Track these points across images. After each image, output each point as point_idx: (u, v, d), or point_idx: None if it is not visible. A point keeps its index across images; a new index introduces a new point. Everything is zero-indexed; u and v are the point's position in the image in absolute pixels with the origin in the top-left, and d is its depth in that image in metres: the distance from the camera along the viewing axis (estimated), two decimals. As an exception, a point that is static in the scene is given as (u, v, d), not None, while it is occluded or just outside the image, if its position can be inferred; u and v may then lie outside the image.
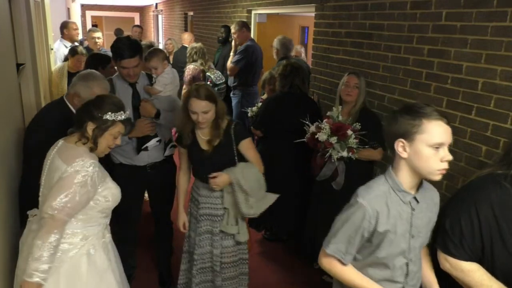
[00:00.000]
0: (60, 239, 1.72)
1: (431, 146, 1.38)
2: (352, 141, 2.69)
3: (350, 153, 2.71)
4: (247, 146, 2.37)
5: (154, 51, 2.83)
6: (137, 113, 2.59)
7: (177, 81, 2.81)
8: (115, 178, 2.67)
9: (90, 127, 1.79)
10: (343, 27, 3.45)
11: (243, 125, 2.25)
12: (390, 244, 1.49)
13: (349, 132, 2.69)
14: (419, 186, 1.52)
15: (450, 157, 1.40)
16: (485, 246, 1.52)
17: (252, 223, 3.64)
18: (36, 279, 1.64)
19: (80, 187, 1.70)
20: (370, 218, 1.45)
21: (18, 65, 2.85)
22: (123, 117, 1.83)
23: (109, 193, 1.86)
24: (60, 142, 1.85)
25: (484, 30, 2.25)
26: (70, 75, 4.00)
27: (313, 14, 3.92)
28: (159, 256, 3.08)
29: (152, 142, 2.60)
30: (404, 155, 1.44)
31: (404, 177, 1.48)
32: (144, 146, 2.59)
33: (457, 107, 2.45)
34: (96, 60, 3.66)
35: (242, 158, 2.39)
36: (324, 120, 2.80)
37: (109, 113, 1.78)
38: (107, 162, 2.75)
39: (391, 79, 2.94)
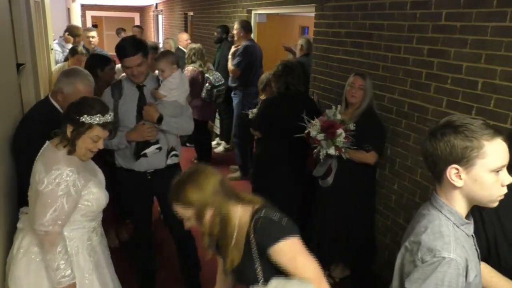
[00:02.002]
0: (65, 243, 1.77)
1: (493, 171, 1.17)
2: (340, 141, 2.68)
3: (337, 152, 2.71)
4: (284, 253, 1.42)
5: (163, 53, 2.70)
6: (141, 116, 2.50)
7: (185, 86, 2.66)
8: (118, 181, 2.67)
9: (69, 129, 1.78)
10: (343, 27, 3.45)
11: (269, 221, 1.47)
12: None
13: (339, 131, 2.68)
14: None
15: (511, 179, 1.21)
16: (490, 245, 1.52)
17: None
18: (67, 284, 1.74)
19: (65, 197, 1.74)
20: (463, 271, 1.19)
21: (18, 65, 2.85)
22: (101, 120, 1.79)
23: (92, 198, 1.87)
24: (46, 143, 1.86)
25: (484, 30, 2.25)
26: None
27: (313, 14, 3.92)
28: (182, 263, 2.98)
29: (151, 149, 2.49)
30: (459, 183, 1.20)
31: (461, 208, 1.25)
32: (143, 152, 2.49)
33: (457, 107, 2.45)
34: (95, 61, 3.64)
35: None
36: (320, 117, 2.83)
37: (85, 115, 1.76)
38: (110, 164, 2.76)
39: (391, 79, 2.94)
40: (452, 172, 1.20)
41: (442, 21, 2.50)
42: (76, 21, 11.04)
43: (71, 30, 5.40)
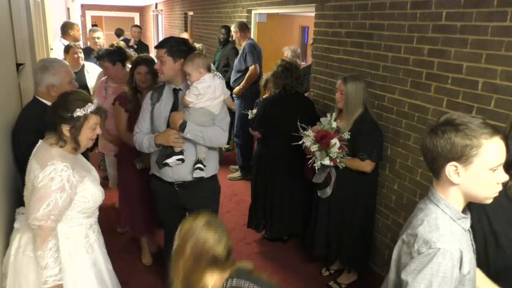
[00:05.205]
0: (57, 242, 1.76)
1: (491, 169, 1.20)
2: (334, 151, 2.66)
3: (332, 162, 2.69)
4: None
5: (191, 55, 2.38)
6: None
7: (215, 92, 2.36)
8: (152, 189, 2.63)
9: (65, 129, 1.79)
10: (343, 27, 3.45)
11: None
12: (470, 286, 1.28)
13: (333, 141, 2.67)
14: None
15: (507, 178, 1.23)
16: (479, 245, 1.51)
17: (252, 222, 3.64)
18: (53, 284, 1.72)
19: (59, 192, 1.73)
20: (457, 262, 1.21)
21: (18, 65, 2.85)
22: (93, 108, 1.82)
23: (88, 194, 1.88)
24: (40, 142, 1.87)
25: (484, 30, 2.25)
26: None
27: (313, 14, 3.92)
28: None
29: (172, 159, 2.33)
30: (457, 180, 1.23)
31: (457, 203, 1.28)
32: (165, 161, 2.34)
33: (457, 107, 2.45)
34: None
35: None
36: (314, 127, 2.82)
37: (78, 109, 1.78)
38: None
39: (391, 79, 2.94)
40: (451, 169, 1.23)
41: (442, 21, 2.50)
42: (76, 21, 11.04)
43: (63, 27, 5.38)
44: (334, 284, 3.12)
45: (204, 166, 2.39)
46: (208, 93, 2.33)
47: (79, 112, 1.78)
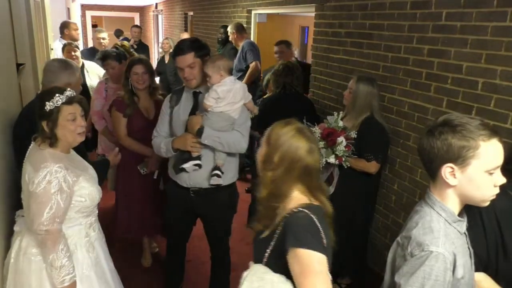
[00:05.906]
0: (66, 241, 1.77)
1: (488, 171, 1.18)
2: (340, 149, 2.65)
3: (337, 161, 2.69)
4: (298, 261, 1.26)
5: (213, 56, 2.33)
6: None
7: (236, 97, 2.26)
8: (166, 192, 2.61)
9: (44, 125, 1.80)
10: (343, 27, 3.45)
11: (309, 222, 1.31)
12: None
13: (340, 139, 2.65)
14: None
15: (504, 180, 1.21)
16: (490, 254, 1.49)
17: (253, 222, 3.63)
18: (70, 282, 1.73)
19: (59, 194, 1.73)
20: (450, 265, 1.19)
21: (18, 65, 2.85)
22: (63, 98, 1.79)
23: (84, 193, 1.87)
24: (32, 144, 1.87)
25: (484, 30, 2.25)
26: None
27: (313, 14, 3.92)
28: (212, 279, 2.72)
29: (189, 165, 2.25)
30: (453, 182, 1.21)
31: (453, 205, 1.26)
32: (181, 166, 2.26)
33: (457, 107, 2.45)
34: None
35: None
36: (320, 124, 2.81)
37: (47, 103, 1.77)
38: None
39: (391, 79, 2.94)
40: (447, 170, 1.21)
41: (442, 21, 2.50)
42: (76, 21, 11.04)
43: (60, 27, 5.39)
44: (334, 284, 3.11)
45: (222, 173, 2.30)
46: (228, 97, 2.23)
47: (49, 105, 1.76)
